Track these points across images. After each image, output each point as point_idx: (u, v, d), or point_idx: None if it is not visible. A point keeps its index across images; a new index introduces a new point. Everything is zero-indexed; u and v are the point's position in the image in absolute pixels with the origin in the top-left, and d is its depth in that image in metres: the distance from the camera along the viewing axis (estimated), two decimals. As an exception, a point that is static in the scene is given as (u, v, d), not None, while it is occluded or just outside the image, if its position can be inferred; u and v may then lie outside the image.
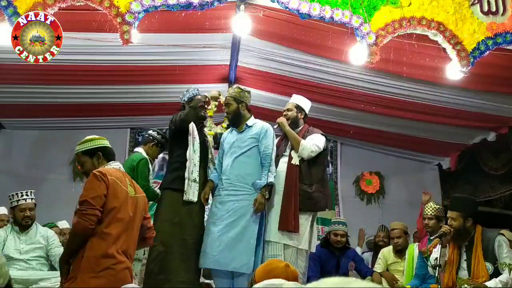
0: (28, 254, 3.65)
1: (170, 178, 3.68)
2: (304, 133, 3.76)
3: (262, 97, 5.60)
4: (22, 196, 3.72)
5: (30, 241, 3.70)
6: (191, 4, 2.99)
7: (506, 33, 3.19)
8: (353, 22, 3.14)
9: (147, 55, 4.55)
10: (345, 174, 7.05)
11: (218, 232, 3.46)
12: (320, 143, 3.68)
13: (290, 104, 3.91)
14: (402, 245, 4.48)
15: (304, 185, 3.58)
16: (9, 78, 4.66)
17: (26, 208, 3.71)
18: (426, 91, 4.55)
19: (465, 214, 3.27)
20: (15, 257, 3.58)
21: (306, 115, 3.92)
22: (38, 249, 3.71)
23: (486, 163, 5.59)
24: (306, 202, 3.56)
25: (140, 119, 6.62)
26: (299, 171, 3.60)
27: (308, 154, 3.59)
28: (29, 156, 6.41)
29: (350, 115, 5.71)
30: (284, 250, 3.50)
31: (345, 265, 4.47)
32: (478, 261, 3.18)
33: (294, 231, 3.47)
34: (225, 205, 3.54)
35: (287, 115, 3.84)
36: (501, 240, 3.20)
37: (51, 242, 3.77)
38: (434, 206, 4.07)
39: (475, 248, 3.22)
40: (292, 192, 3.53)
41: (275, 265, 1.91)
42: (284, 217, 3.49)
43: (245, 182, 3.59)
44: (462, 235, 3.29)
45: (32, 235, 3.73)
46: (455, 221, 3.27)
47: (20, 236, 3.70)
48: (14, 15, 2.81)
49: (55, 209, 5.77)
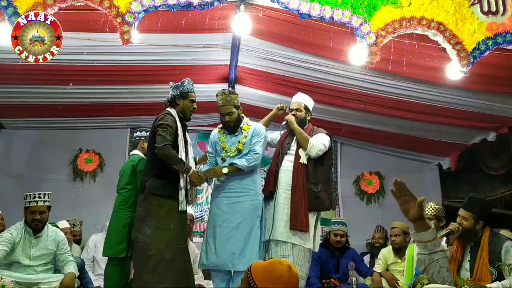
0: (37, 261, 3.58)
1: (158, 184, 3.37)
2: (310, 133, 3.77)
3: (262, 97, 5.60)
4: (34, 198, 3.63)
5: (40, 246, 3.63)
6: (191, 4, 2.99)
7: (506, 33, 3.19)
8: (353, 22, 3.14)
9: (147, 55, 4.54)
10: (345, 174, 7.05)
11: (226, 235, 3.49)
12: (326, 143, 3.70)
13: (297, 104, 3.90)
14: (399, 244, 4.48)
15: (310, 184, 3.58)
16: (9, 78, 4.66)
17: (36, 211, 3.62)
18: (426, 91, 4.55)
19: (478, 216, 3.23)
20: (23, 263, 3.51)
21: (311, 116, 3.96)
22: (48, 255, 3.65)
23: (486, 163, 5.59)
24: (313, 201, 3.56)
25: (140, 119, 6.60)
26: (306, 170, 3.60)
27: (317, 153, 3.60)
28: (29, 156, 6.41)
29: (350, 115, 5.71)
30: (292, 249, 3.51)
31: (345, 265, 4.47)
32: (483, 264, 3.14)
33: (305, 231, 3.48)
34: (229, 208, 3.56)
35: (296, 115, 3.83)
36: (510, 246, 3.15)
37: (60, 247, 3.71)
38: (434, 206, 4.07)
39: (481, 250, 3.18)
40: (301, 191, 3.53)
41: (277, 266, 1.80)
42: (295, 216, 3.50)
43: (245, 183, 3.61)
44: (470, 236, 3.27)
45: (43, 240, 3.65)
46: (466, 221, 3.25)
47: (32, 240, 3.61)
48: (14, 15, 2.81)
49: (55, 209, 5.71)
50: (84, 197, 6.40)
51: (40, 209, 3.64)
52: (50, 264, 3.67)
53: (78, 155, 6.56)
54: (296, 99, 3.95)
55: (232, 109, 3.67)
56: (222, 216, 3.56)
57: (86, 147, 6.60)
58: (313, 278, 4.36)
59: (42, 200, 3.65)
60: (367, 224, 6.31)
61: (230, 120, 3.68)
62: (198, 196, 6.34)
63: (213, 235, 3.55)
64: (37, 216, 3.62)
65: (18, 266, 3.51)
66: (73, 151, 6.59)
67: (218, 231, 3.52)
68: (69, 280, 3.50)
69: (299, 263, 3.49)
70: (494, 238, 3.23)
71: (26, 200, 3.65)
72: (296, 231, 3.50)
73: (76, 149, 6.59)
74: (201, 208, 6.50)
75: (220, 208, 3.59)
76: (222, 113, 3.70)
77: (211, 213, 3.69)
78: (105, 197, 6.34)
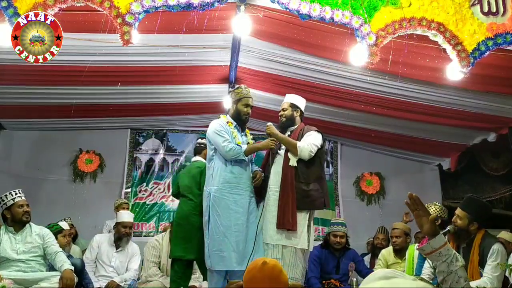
0: (25, 255, 3.62)
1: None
2: (300, 131, 3.71)
3: (262, 98, 5.60)
4: (16, 194, 3.72)
5: (26, 241, 3.67)
6: (191, 5, 2.98)
7: (506, 33, 3.19)
8: (353, 22, 3.13)
9: (148, 55, 4.55)
10: (345, 175, 7.06)
11: (252, 234, 3.50)
12: (316, 141, 3.63)
13: (285, 103, 3.86)
14: (400, 245, 4.47)
15: (300, 183, 3.54)
16: (9, 79, 4.66)
17: (24, 204, 3.70)
18: (426, 92, 4.55)
19: (473, 217, 3.22)
20: (12, 258, 3.55)
21: (302, 113, 3.86)
22: (35, 248, 3.68)
23: (486, 163, 5.60)
24: (303, 200, 3.52)
25: (140, 120, 6.63)
26: (296, 169, 3.57)
27: (308, 155, 3.56)
28: (29, 156, 6.42)
29: (350, 115, 5.71)
30: (283, 251, 3.49)
31: (345, 266, 4.47)
32: (473, 266, 3.15)
33: (292, 230, 3.44)
34: (250, 206, 3.57)
35: (283, 115, 3.81)
36: (496, 249, 3.15)
37: (46, 240, 3.74)
38: (437, 207, 4.06)
39: (472, 251, 3.19)
40: (288, 190, 3.50)
41: (252, 266, 1.80)
42: (281, 215, 3.47)
43: (251, 183, 3.65)
44: (462, 236, 3.27)
45: (27, 235, 3.70)
46: (460, 220, 3.24)
47: (16, 236, 3.66)
48: (15, 16, 2.80)
49: (55, 209, 5.78)
50: (84, 198, 6.41)
51: (26, 202, 3.75)
52: (41, 258, 3.70)
53: (78, 156, 6.57)
54: (284, 100, 3.93)
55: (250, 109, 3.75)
56: (246, 215, 3.51)
57: (86, 147, 6.61)
58: (313, 279, 4.36)
59: (22, 195, 3.76)
60: (367, 224, 6.32)
61: (249, 114, 3.74)
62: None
63: (235, 234, 3.45)
64: (26, 208, 3.71)
65: (8, 262, 3.53)
66: (73, 152, 6.60)
67: (241, 229, 3.47)
68: (68, 274, 3.53)
69: (291, 264, 3.45)
70: (486, 240, 3.22)
71: (8, 199, 3.71)
72: (285, 232, 3.46)
73: (76, 150, 6.60)
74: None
75: (242, 206, 3.52)
76: (247, 104, 3.71)
77: (229, 212, 3.51)
78: (105, 198, 6.37)
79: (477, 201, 3.35)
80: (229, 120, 3.73)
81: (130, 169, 6.74)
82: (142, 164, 6.81)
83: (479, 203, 3.34)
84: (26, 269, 3.57)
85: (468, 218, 3.21)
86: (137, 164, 6.79)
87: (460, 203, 3.36)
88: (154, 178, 6.78)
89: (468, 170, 6.08)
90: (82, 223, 5.88)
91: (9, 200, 3.71)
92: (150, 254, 4.51)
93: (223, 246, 3.42)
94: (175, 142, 6.98)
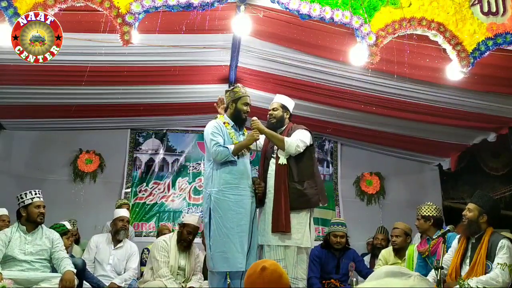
0: (32, 256, 3.61)
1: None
2: (289, 131, 3.73)
3: (262, 98, 5.58)
4: (36, 194, 3.73)
5: (35, 243, 3.66)
6: (191, 5, 2.98)
7: (506, 33, 3.19)
8: (353, 22, 3.13)
9: (148, 55, 4.55)
10: (345, 175, 7.06)
11: (252, 234, 3.51)
12: (305, 138, 3.64)
13: (275, 103, 3.87)
14: (399, 245, 4.46)
15: (294, 183, 3.54)
16: (9, 79, 4.66)
17: (41, 205, 3.72)
18: (427, 92, 4.55)
19: (482, 209, 3.32)
20: (18, 258, 3.54)
21: (291, 115, 3.91)
22: (43, 251, 3.67)
23: (486, 163, 5.60)
24: (299, 200, 3.53)
25: (140, 120, 6.63)
26: (288, 169, 3.57)
27: (295, 149, 3.55)
28: (29, 156, 6.42)
29: (350, 115, 5.71)
30: (285, 252, 3.49)
31: (345, 265, 4.47)
32: (481, 258, 3.21)
33: (285, 232, 3.45)
34: (252, 206, 3.57)
35: (273, 115, 3.82)
36: (505, 242, 3.21)
37: (55, 244, 3.73)
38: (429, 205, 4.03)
39: (481, 246, 3.25)
40: (281, 192, 3.51)
41: (251, 272, 1.81)
42: (275, 219, 3.49)
43: (250, 183, 3.64)
44: (472, 228, 3.33)
45: (38, 237, 3.69)
46: (470, 212, 3.35)
47: (26, 237, 3.65)
48: (15, 16, 2.80)
49: (55, 209, 5.75)
50: (84, 198, 6.41)
51: (43, 203, 3.75)
52: (47, 261, 3.69)
53: (78, 156, 6.57)
54: (274, 100, 3.94)
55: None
56: (246, 216, 3.51)
57: (86, 147, 6.61)
58: (314, 279, 4.36)
59: (41, 196, 3.76)
60: (367, 224, 6.31)
61: (249, 112, 3.73)
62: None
63: (239, 235, 3.44)
64: (42, 210, 3.72)
65: (13, 261, 3.53)
66: (73, 152, 6.60)
67: (245, 230, 3.47)
68: (69, 276, 3.52)
69: (294, 264, 3.47)
70: (494, 234, 3.30)
71: (27, 198, 3.71)
72: (281, 233, 3.48)
73: (76, 150, 6.60)
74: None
75: (243, 207, 3.51)
76: (247, 102, 3.69)
77: (231, 213, 3.48)
78: (105, 198, 6.37)
79: (487, 195, 3.52)
80: (226, 120, 3.71)
81: (130, 169, 6.74)
82: (142, 164, 6.80)
83: (489, 197, 3.52)
84: (30, 270, 3.57)
85: (478, 210, 3.33)
86: (137, 164, 6.79)
87: (471, 199, 3.50)
88: (154, 178, 6.78)
89: (468, 170, 6.08)
90: (82, 223, 5.87)
91: (27, 198, 3.71)
92: (160, 255, 4.38)
93: (227, 247, 3.40)
94: (175, 142, 6.98)
